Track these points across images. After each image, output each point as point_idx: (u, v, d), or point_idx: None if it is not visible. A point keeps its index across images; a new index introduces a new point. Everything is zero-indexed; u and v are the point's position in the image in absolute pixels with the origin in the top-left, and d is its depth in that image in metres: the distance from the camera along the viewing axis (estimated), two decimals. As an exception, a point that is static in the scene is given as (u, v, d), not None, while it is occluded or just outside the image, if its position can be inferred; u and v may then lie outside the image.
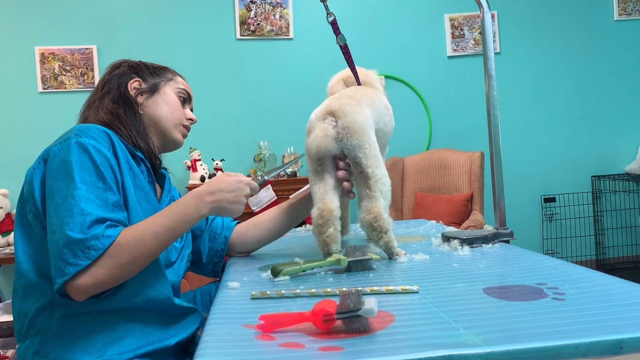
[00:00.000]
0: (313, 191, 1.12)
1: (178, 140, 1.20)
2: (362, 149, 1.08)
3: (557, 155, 4.01)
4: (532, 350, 0.56)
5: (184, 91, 1.21)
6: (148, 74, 1.17)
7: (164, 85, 1.17)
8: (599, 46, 4.02)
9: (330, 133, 1.09)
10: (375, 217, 1.05)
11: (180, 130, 1.19)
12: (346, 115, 1.09)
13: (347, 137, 1.08)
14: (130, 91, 1.13)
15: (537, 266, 0.95)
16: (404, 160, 3.65)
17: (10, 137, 3.58)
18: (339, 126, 1.09)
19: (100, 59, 3.65)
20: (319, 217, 1.08)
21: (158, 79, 1.18)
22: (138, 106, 1.13)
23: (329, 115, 1.11)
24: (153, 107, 1.14)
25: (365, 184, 1.08)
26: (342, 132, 1.09)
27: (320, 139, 1.08)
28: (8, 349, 2.47)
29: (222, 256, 1.27)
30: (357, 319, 0.65)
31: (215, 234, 1.27)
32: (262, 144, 3.58)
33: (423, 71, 3.92)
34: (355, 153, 1.09)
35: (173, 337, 1.03)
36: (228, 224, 1.29)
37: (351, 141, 1.08)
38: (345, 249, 1.03)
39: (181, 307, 1.06)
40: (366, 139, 1.09)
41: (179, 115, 1.18)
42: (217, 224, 1.28)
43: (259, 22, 3.76)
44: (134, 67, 1.17)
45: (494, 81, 1.27)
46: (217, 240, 1.27)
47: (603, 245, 3.99)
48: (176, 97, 1.19)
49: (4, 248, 3.35)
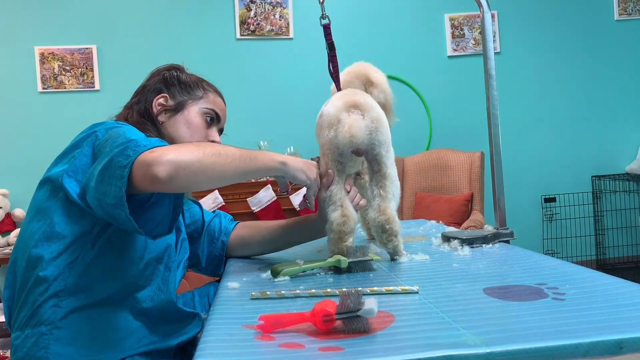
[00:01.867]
0: (331, 191, 1.05)
1: None
2: (386, 146, 1.06)
3: (557, 155, 4.01)
4: (532, 350, 0.56)
5: (211, 111, 1.16)
6: (178, 90, 1.14)
7: (191, 105, 1.14)
8: (599, 46, 4.02)
9: (361, 124, 1.04)
10: (388, 219, 1.03)
11: None
12: (373, 109, 1.06)
13: (375, 131, 1.05)
14: (155, 108, 1.12)
15: (537, 266, 0.95)
16: (404, 160, 3.65)
17: (10, 137, 3.58)
18: (368, 119, 1.05)
19: (100, 58, 3.65)
20: (344, 223, 1.02)
21: (186, 96, 1.14)
22: (160, 124, 1.11)
23: (354, 107, 1.06)
24: (174, 128, 1.12)
25: (380, 184, 1.06)
26: (372, 125, 1.05)
27: (354, 128, 1.02)
28: (8, 349, 2.47)
29: (220, 260, 1.26)
30: (357, 319, 0.65)
31: (214, 237, 1.26)
32: (262, 144, 3.58)
33: (423, 71, 3.92)
34: (379, 150, 1.06)
35: (175, 338, 1.03)
36: (226, 228, 1.27)
37: (379, 136, 1.05)
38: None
39: (184, 312, 1.06)
40: (389, 136, 1.07)
41: (199, 138, 1.14)
42: (215, 226, 1.27)
43: (259, 22, 3.76)
44: (166, 80, 1.15)
45: (494, 81, 1.27)
46: (215, 245, 1.25)
47: (603, 245, 3.99)
48: (200, 118, 1.15)
49: (4, 248, 3.35)
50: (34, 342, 0.92)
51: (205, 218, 1.27)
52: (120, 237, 0.97)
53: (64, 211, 0.95)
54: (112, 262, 0.97)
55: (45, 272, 0.93)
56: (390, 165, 1.07)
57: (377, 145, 1.05)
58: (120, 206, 0.83)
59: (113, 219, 0.88)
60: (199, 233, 1.26)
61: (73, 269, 0.93)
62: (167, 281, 1.05)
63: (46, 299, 0.93)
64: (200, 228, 1.26)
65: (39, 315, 0.94)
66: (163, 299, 1.03)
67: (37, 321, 0.93)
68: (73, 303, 0.93)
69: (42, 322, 0.93)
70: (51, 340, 0.92)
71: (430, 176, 3.55)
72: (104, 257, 0.96)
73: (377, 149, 1.06)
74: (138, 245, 1.00)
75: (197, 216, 1.27)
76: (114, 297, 0.96)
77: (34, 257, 0.95)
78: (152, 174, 0.82)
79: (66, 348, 0.92)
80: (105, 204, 0.86)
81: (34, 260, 0.95)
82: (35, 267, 0.95)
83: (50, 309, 0.93)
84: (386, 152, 1.06)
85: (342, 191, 1.06)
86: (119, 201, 0.83)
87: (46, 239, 0.95)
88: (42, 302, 0.93)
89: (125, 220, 0.84)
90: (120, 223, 0.87)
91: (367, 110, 1.06)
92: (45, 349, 0.92)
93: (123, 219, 0.84)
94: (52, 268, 0.93)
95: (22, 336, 0.94)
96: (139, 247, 1.00)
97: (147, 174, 0.82)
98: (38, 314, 0.94)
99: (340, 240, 1.03)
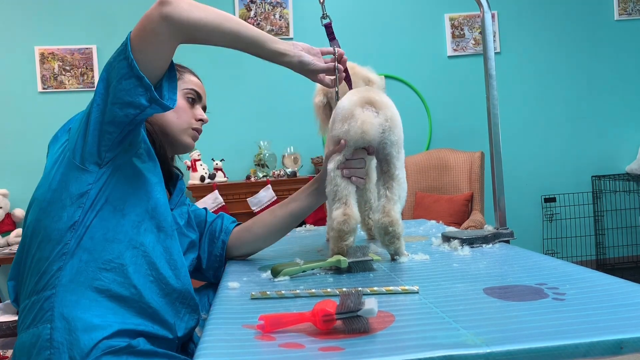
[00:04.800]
0: (337, 185, 1.04)
1: (188, 145, 1.19)
2: (397, 147, 1.05)
3: (558, 155, 4.01)
4: (532, 351, 0.56)
5: (192, 91, 1.18)
6: None
7: None
8: (599, 46, 4.02)
9: (375, 121, 1.03)
10: (392, 222, 1.02)
11: (189, 133, 1.18)
12: (388, 107, 1.05)
13: (389, 130, 1.04)
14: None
15: (538, 266, 0.95)
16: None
17: (10, 137, 3.58)
18: (382, 117, 1.04)
19: (100, 58, 3.65)
20: (345, 222, 1.01)
21: None
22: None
23: (369, 104, 1.04)
24: (160, 114, 1.12)
25: (387, 184, 1.05)
26: (385, 124, 1.03)
27: (367, 124, 1.01)
28: (8, 349, 2.47)
29: (221, 261, 1.26)
30: (357, 319, 0.65)
31: (214, 237, 1.26)
32: (262, 144, 3.58)
33: (423, 71, 3.92)
34: (390, 149, 1.05)
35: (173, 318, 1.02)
36: (227, 228, 1.27)
37: (391, 136, 1.04)
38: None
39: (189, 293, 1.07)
40: (402, 137, 1.06)
41: (187, 119, 1.17)
42: (217, 226, 1.27)
43: (259, 22, 3.76)
44: None
45: (494, 81, 1.27)
46: (216, 244, 1.25)
47: (603, 245, 3.99)
48: (183, 100, 1.17)
49: (4, 248, 3.35)
50: (40, 307, 0.92)
51: (208, 219, 1.28)
52: (119, 197, 0.97)
53: (63, 176, 0.96)
54: (113, 223, 0.96)
55: (49, 236, 0.94)
56: (400, 167, 1.06)
57: (389, 145, 1.04)
58: (129, 67, 0.91)
59: (128, 104, 0.92)
60: (202, 233, 1.26)
61: (75, 232, 0.93)
62: (170, 250, 1.04)
63: (50, 263, 0.93)
64: (203, 228, 1.27)
65: (43, 280, 0.93)
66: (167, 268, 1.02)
67: (43, 286, 0.93)
68: (76, 265, 0.92)
69: (47, 287, 0.92)
70: (56, 303, 0.91)
71: (430, 176, 3.56)
72: (104, 218, 0.95)
73: (389, 149, 1.05)
74: (138, 208, 1.00)
75: (201, 217, 1.28)
76: (117, 260, 0.95)
77: (37, 223, 0.96)
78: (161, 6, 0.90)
79: (71, 311, 0.91)
80: (114, 87, 0.92)
81: (37, 227, 0.96)
82: (39, 234, 0.95)
83: (54, 273, 0.92)
84: (397, 153, 1.05)
85: (349, 187, 1.04)
86: (128, 63, 0.91)
87: (48, 204, 0.95)
88: (46, 266, 0.93)
89: (137, 82, 0.91)
90: (135, 95, 0.92)
91: (382, 109, 1.04)
92: (51, 311, 0.90)
93: (135, 83, 0.91)
94: (54, 232, 0.93)
95: (29, 304, 0.94)
96: (140, 209, 1.00)
97: (156, 10, 0.90)
98: (43, 279, 0.93)
99: (341, 239, 1.02)
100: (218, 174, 3.50)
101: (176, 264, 1.05)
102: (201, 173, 3.44)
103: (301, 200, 1.21)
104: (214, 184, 3.39)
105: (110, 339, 0.90)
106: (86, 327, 0.90)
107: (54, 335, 0.89)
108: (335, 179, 1.04)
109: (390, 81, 3.90)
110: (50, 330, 0.89)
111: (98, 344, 0.89)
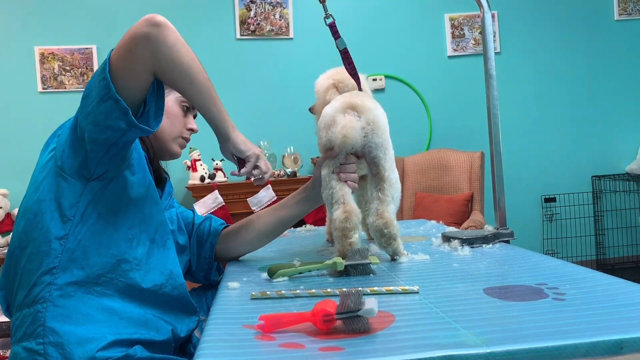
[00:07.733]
0: (333, 188, 1.06)
1: (175, 153, 1.20)
2: (383, 149, 1.06)
3: (558, 155, 4.01)
4: (532, 351, 0.56)
5: (187, 100, 1.18)
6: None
7: (167, 95, 1.14)
8: (599, 46, 4.02)
9: (356, 125, 1.04)
10: (386, 223, 1.03)
11: (178, 142, 1.19)
12: (370, 111, 1.06)
13: (371, 133, 1.05)
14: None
15: (538, 266, 0.95)
16: (404, 160, 3.65)
17: (10, 137, 3.58)
18: (363, 120, 1.05)
19: (100, 59, 3.64)
20: (346, 220, 1.02)
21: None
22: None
23: (351, 109, 1.06)
24: None
25: (378, 186, 1.06)
26: (367, 127, 1.05)
27: (348, 129, 1.02)
28: (8, 349, 2.47)
29: (211, 263, 1.26)
30: (357, 319, 0.65)
31: (202, 239, 1.26)
32: (262, 144, 3.58)
33: (423, 71, 3.92)
34: (376, 152, 1.06)
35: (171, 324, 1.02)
36: (215, 230, 1.27)
37: (375, 139, 1.05)
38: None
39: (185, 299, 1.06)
40: (387, 139, 1.07)
41: (179, 127, 1.18)
42: (205, 228, 1.27)
43: (259, 21, 3.76)
44: None
45: (494, 81, 1.27)
46: (204, 247, 1.26)
47: (603, 245, 3.99)
48: (178, 107, 1.18)
49: (4, 248, 3.35)
50: (31, 321, 0.92)
51: (196, 221, 1.28)
52: (110, 211, 0.97)
53: (51, 186, 0.95)
54: (104, 238, 0.96)
55: (37, 248, 0.93)
56: (389, 168, 1.07)
57: (374, 147, 1.05)
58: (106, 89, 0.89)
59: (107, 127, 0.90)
60: (189, 235, 1.26)
61: (65, 245, 0.93)
62: (164, 262, 1.03)
63: (40, 276, 0.92)
64: (190, 230, 1.27)
65: (34, 293, 0.92)
66: (162, 279, 1.02)
67: (33, 299, 0.92)
68: (67, 279, 0.92)
69: (38, 300, 0.92)
70: (47, 318, 0.91)
71: (430, 176, 3.55)
72: (96, 232, 0.95)
73: (374, 152, 1.06)
74: (130, 221, 0.99)
75: (189, 219, 1.28)
76: (109, 274, 0.95)
77: (26, 235, 0.95)
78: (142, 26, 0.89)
79: (62, 325, 0.90)
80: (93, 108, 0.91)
81: (25, 239, 0.95)
82: (28, 246, 0.94)
83: (45, 286, 0.92)
84: (384, 154, 1.06)
85: (344, 189, 1.05)
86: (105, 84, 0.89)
87: (35, 215, 0.95)
88: (36, 279, 0.92)
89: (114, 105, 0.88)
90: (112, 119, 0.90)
91: (363, 112, 1.06)
92: (42, 326, 0.90)
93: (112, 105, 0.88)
94: (43, 245, 0.93)
95: (21, 316, 0.94)
96: (131, 222, 1.00)
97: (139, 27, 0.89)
98: (33, 292, 0.93)
99: (345, 237, 1.02)
100: (218, 174, 3.50)
101: (171, 274, 1.04)
102: (201, 173, 3.43)
103: (290, 207, 1.23)
104: (214, 184, 3.39)
105: (105, 350, 0.90)
106: (79, 340, 0.89)
107: (47, 350, 0.89)
108: (330, 182, 1.06)
109: (390, 81, 3.90)
110: (43, 345, 0.89)
111: (94, 356, 0.89)
